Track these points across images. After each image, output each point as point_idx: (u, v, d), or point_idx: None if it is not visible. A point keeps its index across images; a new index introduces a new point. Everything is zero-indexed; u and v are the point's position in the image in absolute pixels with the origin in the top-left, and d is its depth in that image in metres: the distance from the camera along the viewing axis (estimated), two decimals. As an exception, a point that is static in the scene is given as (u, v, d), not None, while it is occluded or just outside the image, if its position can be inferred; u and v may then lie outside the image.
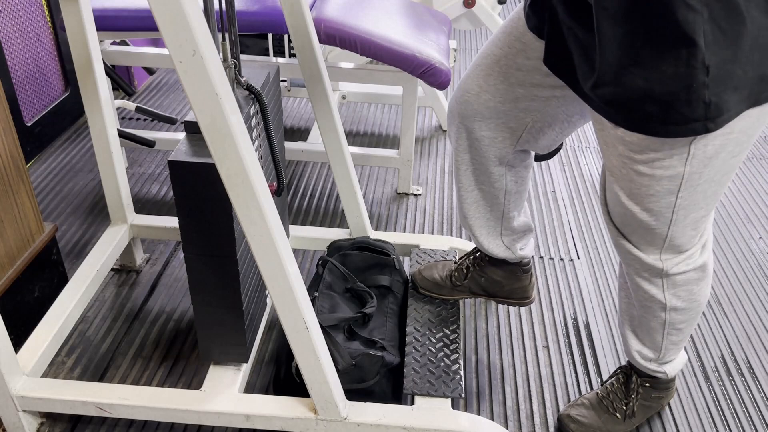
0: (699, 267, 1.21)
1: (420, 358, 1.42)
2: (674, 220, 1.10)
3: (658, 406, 1.44)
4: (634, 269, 1.23)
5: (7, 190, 1.44)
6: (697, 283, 1.22)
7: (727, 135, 0.99)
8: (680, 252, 1.17)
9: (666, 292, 1.22)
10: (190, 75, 0.90)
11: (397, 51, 1.90)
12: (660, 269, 1.19)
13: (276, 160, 1.29)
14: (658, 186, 1.05)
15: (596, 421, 1.41)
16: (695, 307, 1.26)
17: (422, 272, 1.60)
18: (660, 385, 1.40)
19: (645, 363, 1.36)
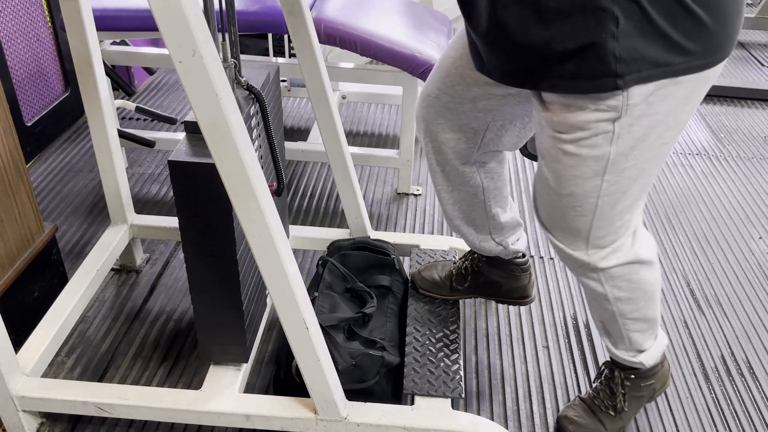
0: (632, 261, 1.19)
1: (420, 358, 1.42)
2: (599, 207, 1.08)
3: (650, 394, 1.42)
4: (570, 266, 1.22)
5: (7, 190, 1.44)
6: (636, 272, 1.21)
7: (653, 116, 0.98)
8: (605, 246, 1.16)
9: (605, 285, 1.21)
10: (190, 75, 0.90)
11: (397, 51, 1.90)
12: (588, 263, 1.18)
13: (276, 160, 1.29)
14: (584, 166, 1.04)
15: (592, 421, 1.41)
16: (641, 296, 1.24)
17: (422, 272, 1.60)
18: (645, 374, 1.38)
19: (619, 354, 1.34)
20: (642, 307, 1.26)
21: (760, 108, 3.06)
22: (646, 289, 1.24)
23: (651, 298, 1.26)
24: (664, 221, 2.20)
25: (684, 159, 2.60)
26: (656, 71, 0.94)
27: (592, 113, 0.98)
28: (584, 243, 1.16)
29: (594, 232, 1.13)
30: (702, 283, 1.93)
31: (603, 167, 1.03)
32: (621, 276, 1.20)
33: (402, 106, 2.10)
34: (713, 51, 0.96)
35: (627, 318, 1.27)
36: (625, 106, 0.96)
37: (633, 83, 0.94)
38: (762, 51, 3.73)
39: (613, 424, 1.40)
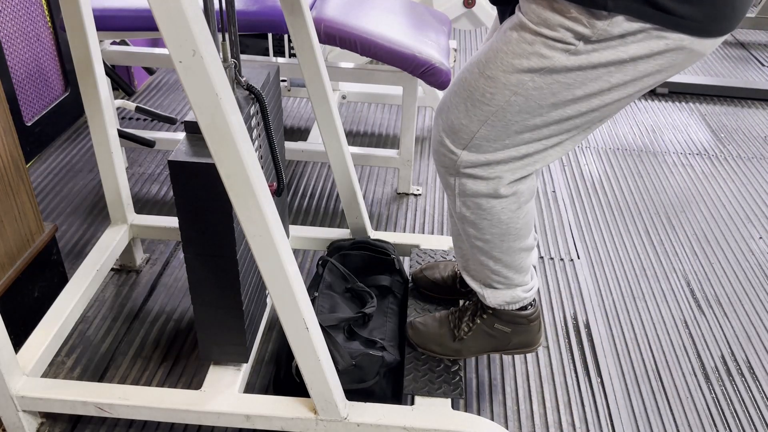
0: (493, 178, 1.13)
1: (420, 358, 1.42)
2: (508, 103, 1.04)
3: (504, 341, 1.36)
4: (436, 162, 1.19)
5: (7, 190, 1.44)
6: (486, 199, 1.16)
7: (618, 53, 0.95)
8: (482, 152, 1.11)
9: (457, 198, 1.18)
10: (190, 75, 0.90)
11: (397, 51, 1.90)
12: (454, 162, 1.14)
13: (276, 160, 1.29)
14: (525, 58, 1.00)
15: (434, 332, 1.40)
16: (486, 227, 1.19)
17: (424, 272, 1.60)
18: (503, 316, 1.33)
19: (469, 279, 1.32)
20: (488, 239, 1.21)
21: (760, 108, 3.06)
22: (494, 222, 1.18)
23: (501, 237, 1.21)
24: (664, 221, 2.21)
25: (684, 159, 2.60)
26: (650, 12, 0.91)
27: (567, 20, 0.95)
28: (467, 140, 1.11)
29: (483, 131, 1.09)
30: (702, 283, 1.93)
31: (540, 67, 1.00)
32: (472, 195, 1.16)
33: (402, 106, 2.10)
34: (714, 18, 0.93)
35: (472, 243, 1.23)
36: (601, 31, 0.94)
37: (622, 11, 0.91)
38: (762, 51, 3.73)
39: (450, 344, 1.38)
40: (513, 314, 1.33)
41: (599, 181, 2.42)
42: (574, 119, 1.05)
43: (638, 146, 2.68)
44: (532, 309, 1.34)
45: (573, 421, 1.49)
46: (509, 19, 1.05)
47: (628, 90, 1.01)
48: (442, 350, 1.40)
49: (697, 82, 3.14)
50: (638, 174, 2.48)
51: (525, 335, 1.36)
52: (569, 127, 1.07)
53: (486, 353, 1.41)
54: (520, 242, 1.23)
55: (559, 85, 1.01)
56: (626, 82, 1.00)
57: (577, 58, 0.97)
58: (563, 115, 1.05)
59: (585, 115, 1.05)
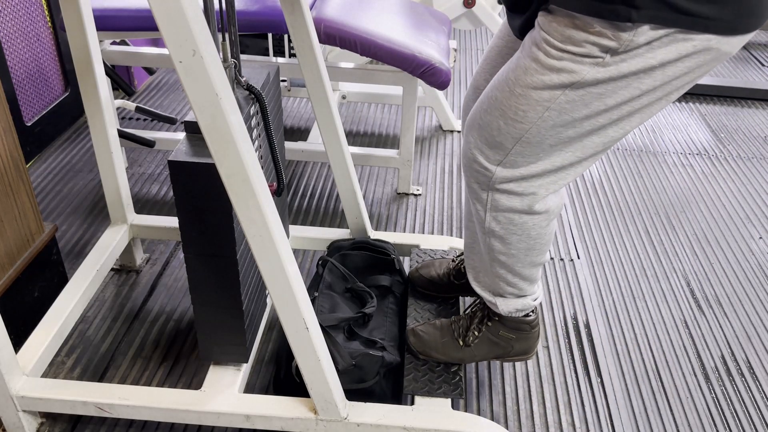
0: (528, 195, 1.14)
1: (420, 358, 1.42)
2: (541, 118, 1.04)
3: (507, 348, 1.38)
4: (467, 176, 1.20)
5: (7, 190, 1.44)
6: (519, 215, 1.17)
7: (647, 60, 0.95)
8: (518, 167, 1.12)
9: (487, 213, 1.18)
10: (190, 75, 0.90)
11: (397, 51, 1.90)
12: (488, 176, 1.14)
13: (276, 160, 1.29)
14: (555, 75, 1.01)
15: (436, 341, 1.40)
16: (515, 241, 1.20)
17: (419, 270, 1.60)
18: (508, 323, 1.35)
19: (478, 285, 1.33)
20: (513, 254, 1.22)
21: (760, 108, 3.06)
22: (523, 238, 1.20)
23: (526, 251, 1.22)
24: (664, 221, 2.21)
25: (684, 159, 2.60)
26: (674, 17, 0.91)
27: (592, 35, 0.95)
28: (502, 155, 1.12)
29: (518, 147, 1.09)
30: (702, 283, 1.93)
31: (570, 82, 1.00)
32: (505, 210, 1.17)
33: (402, 106, 2.10)
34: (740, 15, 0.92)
35: (495, 258, 1.24)
36: (627, 42, 0.94)
37: (647, 20, 0.91)
38: (762, 51, 3.73)
39: (455, 352, 1.39)
40: (518, 320, 1.34)
41: (599, 181, 2.42)
42: (606, 128, 1.06)
43: (638, 146, 2.68)
44: (534, 315, 1.36)
45: (573, 421, 1.49)
46: (531, 35, 1.05)
47: (657, 94, 1.01)
48: (445, 358, 1.40)
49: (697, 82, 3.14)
50: (638, 174, 2.48)
51: (526, 342, 1.38)
52: (602, 136, 1.07)
53: (487, 360, 1.42)
54: (541, 257, 1.25)
55: (590, 96, 1.01)
56: (656, 87, 1.00)
57: (606, 70, 0.98)
58: (596, 125, 1.05)
59: (617, 122, 1.05)
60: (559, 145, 1.08)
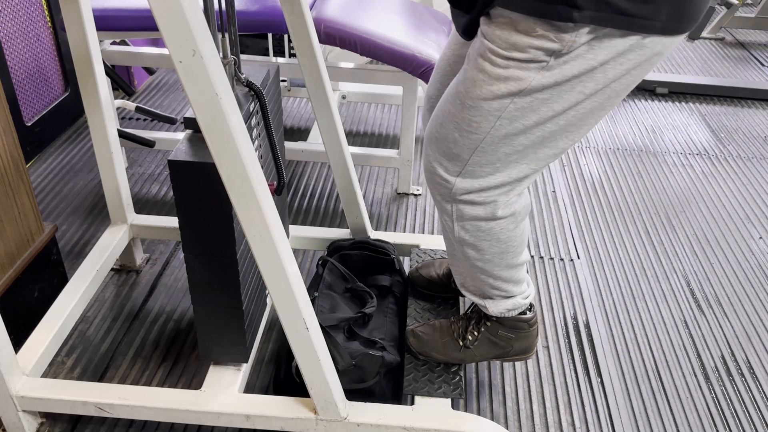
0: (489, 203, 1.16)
1: (420, 358, 1.42)
2: (494, 127, 1.06)
3: (506, 348, 1.38)
4: (431, 190, 1.21)
5: (7, 190, 1.44)
6: (486, 222, 1.18)
7: (588, 60, 0.97)
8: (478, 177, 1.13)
9: (455, 223, 1.20)
10: (190, 75, 0.90)
11: (397, 51, 1.90)
12: (449, 188, 1.16)
13: (276, 157, 1.29)
14: (502, 84, 1.02)
15: (436, 342, 1.40)
16: (486, 247, 1.21)
17: (419, 270, 1.60)
18: (506, 323, 1.35)
19: (467, 294, 1.33)
20: (488, 259, 1.23)
21: (760, 108, 3.06)
22: (493, 243, 1.21)
23: (500, 255, 1.23)
24: (664, 221, 2.21)
25: (684, 159, 2.60)
26: (614, 17, 0.93)
27: (536, 39, 0.97)
28: (460, 167, 1.13)
29: (475, 157, 1.11)
30: (702, 283, 1.93)
31: (518, 90, 1.02)
32: (470, 219, 1.18)
33: (402, 106, 2.10)
34: (674, 17, 0.95)
35: (472, 264, 1.24)
36: (570, 43, 0.95)
37: (588, 21, 0.93)
38: (762, 51, 3.73)
39: (455, 352, 1.39)
40: (515, 319, 1.34)
41: (599, 181, 2.42)
42: (556, 136, 1.08)
43: (638, 146, 2.68)
44: (532, 314, 1.36)
45: (573, 421, 1.49)
46: (475, 45, 1.06)
47: (600, 98, 1.03)
48: (445, 358, 1.40)
49: (697, 82, 3.14)
50: (638, 174, 2.48)
51: (525, 340, 1.38)
52: (553, 148, 1.10)
53: (487, 360, 1.42)
54: (517, 258, 1.26)
55: (538, 102, 1.03)
56: (597, 91, 1.02)
57: (551, 74, 0.99)
58: (545, 132, 1.07)
59: (566, 130, 1.07)
60: (514, 155, 1.10)
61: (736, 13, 3.91)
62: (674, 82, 3.15)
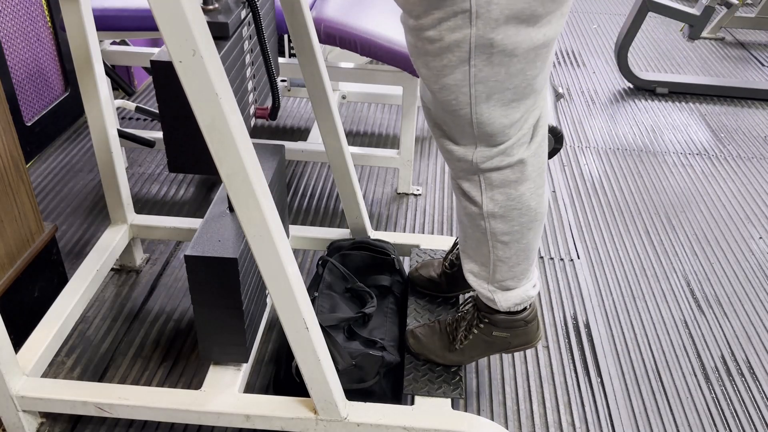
0: (515, 163, 1.13)
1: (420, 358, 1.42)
2: (473, 95, 1.03)
3: (504, 345, 1.36)
4: (452, 168, 1.19)
5: (7, 190, 1.44)
6: (515, 186, 1.15)
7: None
8: (494, 145, 1.11)
9: (484, 195, 1.17)
10: (190, 75, 0.90)
11: (397, 51, 1.90)
12: (470, 161, 1.13)
13: (271, 74, 1.22)
14: (450, 54, 0.99)
15: (433, 344, 1.40)
16: (516, 216, 1.18)
17: (419, 270, 1.60)
18: (501, 323, 1.32)
19: (478, 284, 1.30)
20: (515, 231, 1.21)
21: (760, 108, 3.06)
22: (522, 210, 1.18)
23: (528, 225, 1.20)
24: (664, 221, 2.21)
25: (684, 159, 2.60)
26: None
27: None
28: (472, 138, 1.11)
29: (479, 128, 1.08)
30: (702, 283, 1.93)
31: (467, 51, 0.99)
32: (499, 186, 1.15)
33: (402, 106, 2.10)
34: None
35: (498, 240, 1.22)
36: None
37: None
38: (762, 51, 3.73)
39: (450, 354, 1.39)
40: (510, 320, 1.32)
41: (599, 181, 2.42)
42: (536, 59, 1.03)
43: (638, 146, 2.68)
44: (529, 310, 1.33)
45: (573, 421, 1.49)
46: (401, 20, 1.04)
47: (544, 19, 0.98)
48: (442, 360, 1.40)
49: (697, 82, 3.14)
50: (638, 174, 2.48)
51: (524, 336, 1.36)
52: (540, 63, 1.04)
53: (489, 357, 1.41)
54: (540, 227, 1.24)
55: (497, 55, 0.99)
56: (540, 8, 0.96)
57: (483, 21, 0.95)
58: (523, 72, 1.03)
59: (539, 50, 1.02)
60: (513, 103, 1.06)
61: (736, 13, 3.91)
62: (674, 82, 3.15)
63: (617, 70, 3.35)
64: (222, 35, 1.07)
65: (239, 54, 1.15)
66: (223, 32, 1.08)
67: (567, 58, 3.54)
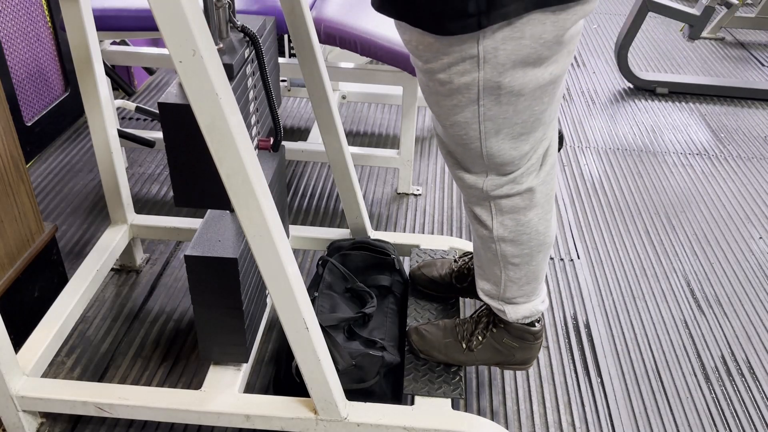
0: (525, 191, 1.16)
1: (420, 358, 1.42)
2: (483, 131, 1.06)
3: (508, 356, 1.38)
4: (464, 195, 1.22)
5: (7, 190, 1.44)
6: (524, 212, 1.18)
7: (517, 40, 0.95)
8: (504, 174, 1.14)
9: (494, 220, 1.20)
10: (190, 75, 0.90)
11: (397, 51, 1.90)
12: (481, 189, 1.16)
13: (273, 109, 1.24)
14: (459, 96, 1.02)
15: (439, 341, 1.40)
16: (526, 240, 1.22)
17: (421, 269, 1.60)
18: (513, 332, 1.35)
19: (489, 300, 1.33)
20: (525, 254, 1.23)
21: (760, 108, 3.06)
22: (531, 235, 1.21)
23: (537, 248, 1.24)
24: (664, 221, 2.21)
25: (684, 159, 2.60)
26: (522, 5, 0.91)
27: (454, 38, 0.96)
28: (483, 167, 1.14)
29: (489, 159, 1.11)
30: (702, 283, 1.93)
31: (476, 93, 1.01)
32: (509, 212, 1.18)
33: (402, 106, 2.10)
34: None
35: (509, 262, 1.25)
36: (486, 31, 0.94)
37: (499, 19, 0.91)
38: (762, 51, 3.73)
39: (457, 354, 1.39)
40: (523, 329, 1.34)
41: (599, 181, 2.42)
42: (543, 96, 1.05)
43: (638, 146, 2.68)
44: (539, 326, 1.36)
45: (573, 421, 1.49)
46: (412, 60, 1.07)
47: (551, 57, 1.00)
48: (446, 359, 1.40)
49: (697, 82, 3.14)
50: (638, 174, 2.48)
51: (528, 352, 1.38)
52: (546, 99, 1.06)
53: (487, 365, 1.42)
54: (549, 249, 1.27)
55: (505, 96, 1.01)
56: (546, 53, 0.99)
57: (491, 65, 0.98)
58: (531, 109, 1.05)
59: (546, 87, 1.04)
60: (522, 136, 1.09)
61: (736, 13, 3.91)
62: (674, 82, 3.15)
63: (617, 70, 3.35)
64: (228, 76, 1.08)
65: (243, 91, 1.18)
66: (228, 73, 1.10)
67: (567, 58, 3.54)
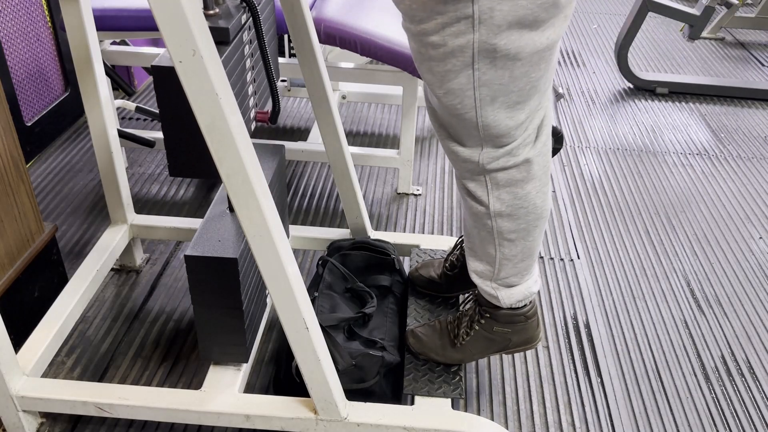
0: (521, 163, 1.14)
1: (420, 358, 1.42)
2: (478, 99, 1.04)
3: (504, 343, 1.36)
4: (458, 169, 1.19)
5: (7, 190, 1.44)
6: (522, 185, 1.16)
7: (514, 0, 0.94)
8: (500, 146, 1.11)
9: (490, 195, 1.18)
10: (190, 75, 0.90)
11: (397, 51, 1.90)
12: (476, 162, 1.14)
13: (270, 78, 1.22)
14: (453, 59, 1.00)
15: (434, 342, 1.40)
16: (523, 215, 1.20)
17: (419, 270, 1.60)
18: (501, 318, 1.33)
19: (482, 282, 1.30)
20: (521, 228, 1.22)
21: (760, 108, 3.06)
22: (529, 209, 1.19)
23: (534, 222, 1.22)
24: (664, 221, 2.21)
25: (684, 159, 2.60)
26: None
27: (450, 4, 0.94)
28: (478, 139, 1.11)
29: (484, 130, 1.09)
30: (702, 283, 1.93)
31: (471, 56, 0.99)
32: (506, 185, 1.16)
33: (402, 106, 2.10)
34: None
35: (504, 238, 1.23)
36: None
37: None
38: (762, 51, 3.73)
39: (452, 353, 1.39)
40: (510, 315, 1.33)
41: (599, 181, 2.42)
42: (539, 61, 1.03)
43: (638, 146, 2.68)
44: (529, 306, 1.34)
45: (573, 421, 1.49)
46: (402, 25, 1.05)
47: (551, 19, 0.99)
48: (444, 359, 1.40)
49: (697, 82, 3.14)
50: (638, 174, 2.48)
51: (524, 333, 1.36)
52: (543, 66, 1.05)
53: (489, 356, 1.41)
54: (544, 224, 1.25)
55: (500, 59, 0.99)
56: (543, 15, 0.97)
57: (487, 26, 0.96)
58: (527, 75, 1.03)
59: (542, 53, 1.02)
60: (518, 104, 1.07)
61: (736, 13, 3.91)
62: (674, 82, 3.15)
63: (617, 70, 3.35)
64: (223, 40, 1.08)
65: (240, 59, 1.16)
66: (224, 37, 1.08)
67: (567, 58, 3.54)
